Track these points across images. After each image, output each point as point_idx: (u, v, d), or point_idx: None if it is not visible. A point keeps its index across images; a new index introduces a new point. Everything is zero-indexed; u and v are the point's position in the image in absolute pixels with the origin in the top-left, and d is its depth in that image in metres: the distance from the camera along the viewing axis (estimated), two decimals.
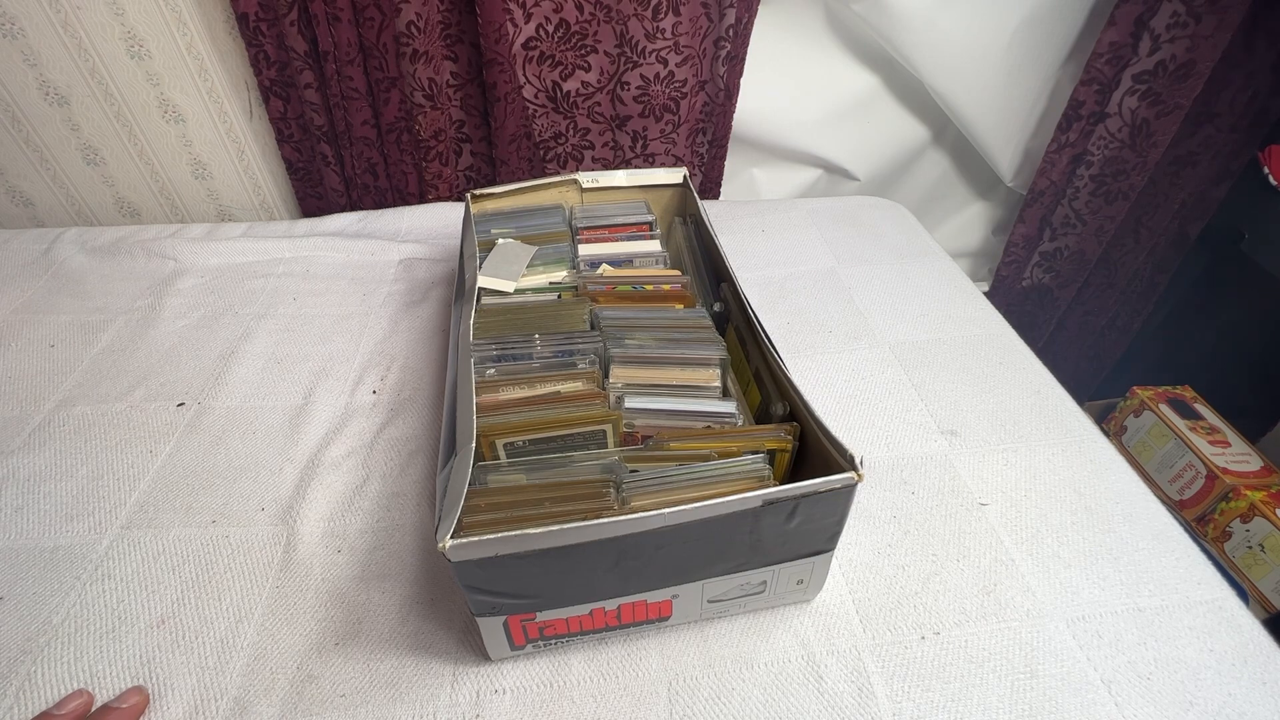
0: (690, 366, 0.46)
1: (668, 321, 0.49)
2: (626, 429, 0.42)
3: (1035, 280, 1.19)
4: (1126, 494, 0.51)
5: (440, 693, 0.40)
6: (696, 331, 0.48)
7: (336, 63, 0.75)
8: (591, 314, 0.50)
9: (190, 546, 0.48)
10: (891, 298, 0.71)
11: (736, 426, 0.43)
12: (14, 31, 0.73)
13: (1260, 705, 0.39)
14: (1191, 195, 1.04)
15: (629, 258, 0.57)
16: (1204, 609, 0.44)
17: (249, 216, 0.93)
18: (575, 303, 0.52)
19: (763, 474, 0.37)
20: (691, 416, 0.43)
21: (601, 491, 0.36)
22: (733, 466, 0.38)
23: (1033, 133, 1.07)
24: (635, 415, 0.43)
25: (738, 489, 0.36)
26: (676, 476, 0.37)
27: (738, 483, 0.37)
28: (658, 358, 0.46)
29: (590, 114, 0.87)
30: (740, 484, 0.37)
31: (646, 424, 0.43)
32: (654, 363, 0.46)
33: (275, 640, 0.42)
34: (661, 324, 0.49)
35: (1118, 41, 0.91)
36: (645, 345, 0.47)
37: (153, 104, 0.81)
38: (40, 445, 0.55)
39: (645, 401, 0.43)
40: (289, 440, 0.56)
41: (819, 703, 0.39)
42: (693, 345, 0.47)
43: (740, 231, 0.81)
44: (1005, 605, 0.44)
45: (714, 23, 0.81)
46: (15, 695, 0.40)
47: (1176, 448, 0.99)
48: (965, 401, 0.59)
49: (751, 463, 0.38)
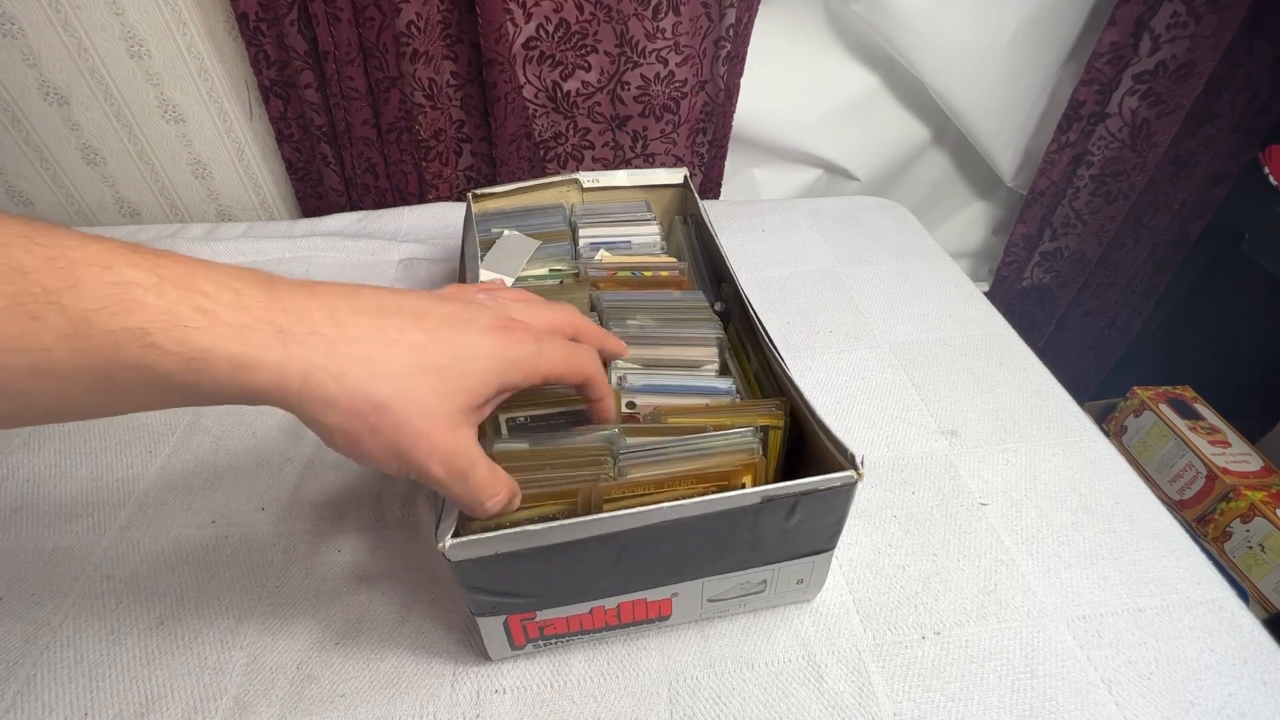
0: (689, 345, 0.46)
1: (667, 303, 0.50)
2: (628, 408, 0.43)
3: (1035, 280, 1.19)
4: (1127, 494, 0.51)
5: (440, 693, 0.40)
6: (695, 312, 0.49)
7: (336, 63, 0.75)
8: (592, 297, 0.50)
9: (190, 546, 0.48)
10: (892, 298, 0.71)
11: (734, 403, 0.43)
12: (14, 31, 0.73)
13: (1261, 705, 0.39)
14: (1191, 195, 1.04)
15: (626, 240, 0.58)
16: (1204, 609, 0.44)
17: (249, 216, 0.93)
18: (576, 286, 0.53)
19: (752, 447, 0.38)
20: (690, 393, 0.44)
21: (600, 460, 0.37)
22: (723, 439, 0.38)
23: (1033, 133, 1.07)
24: (635, 394, 0.43)
25: (730, 461, 0.37)
26: (671, 449, 0.37)
27: (730, 455, 0.37)
28: (657, 337, 0.47)
29: (590, 114, 0.87)
30: (731, 458, 0.37)
31: (646, 401, 0.43)
32: (654, 342, 0.46)
33: (275, 640, 0.42)
34: (660, 306, 0.50)
35: (1118, 41, 0.91)
36: (645, 325, 0.47)
37: (153, 104, 0.81)
38: (40, 445, 0.55)
39: (645, 379, 0.44)
40: (289, 440, 0.56)
41: (819, 702, 0.39)
42: (691, 325, 0.48)
43: (740, 231, 0.81)
44: (1006, 605, 0.44)
45: (714, 23, 0.81)
46: (14, 697, 0.40)
47: (1177, 448, 0.99)
48: (966, 401, 0.59)
49: (741, 436, 0.38)
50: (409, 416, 0.27)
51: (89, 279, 0.22)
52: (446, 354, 0.29)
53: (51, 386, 0.23)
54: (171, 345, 0.23)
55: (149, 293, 0.23)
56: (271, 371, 0.25)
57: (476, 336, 0.30)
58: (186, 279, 0.24)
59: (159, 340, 0.23)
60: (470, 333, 0.30)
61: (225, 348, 0.24)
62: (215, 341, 0.24)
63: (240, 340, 0.24)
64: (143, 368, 0.23)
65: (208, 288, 0.24)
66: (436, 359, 0.28)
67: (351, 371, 0.26)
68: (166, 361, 0.23)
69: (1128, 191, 1.04)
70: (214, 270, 0.25)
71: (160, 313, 0.23)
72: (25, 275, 0.21)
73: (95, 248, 0.23)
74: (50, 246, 0.22)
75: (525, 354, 0.31)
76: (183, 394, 0.25)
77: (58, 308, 0.22)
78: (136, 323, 0.22)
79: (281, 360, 0.25)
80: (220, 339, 0.24)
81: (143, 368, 0.23)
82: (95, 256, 0.23)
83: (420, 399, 0.27)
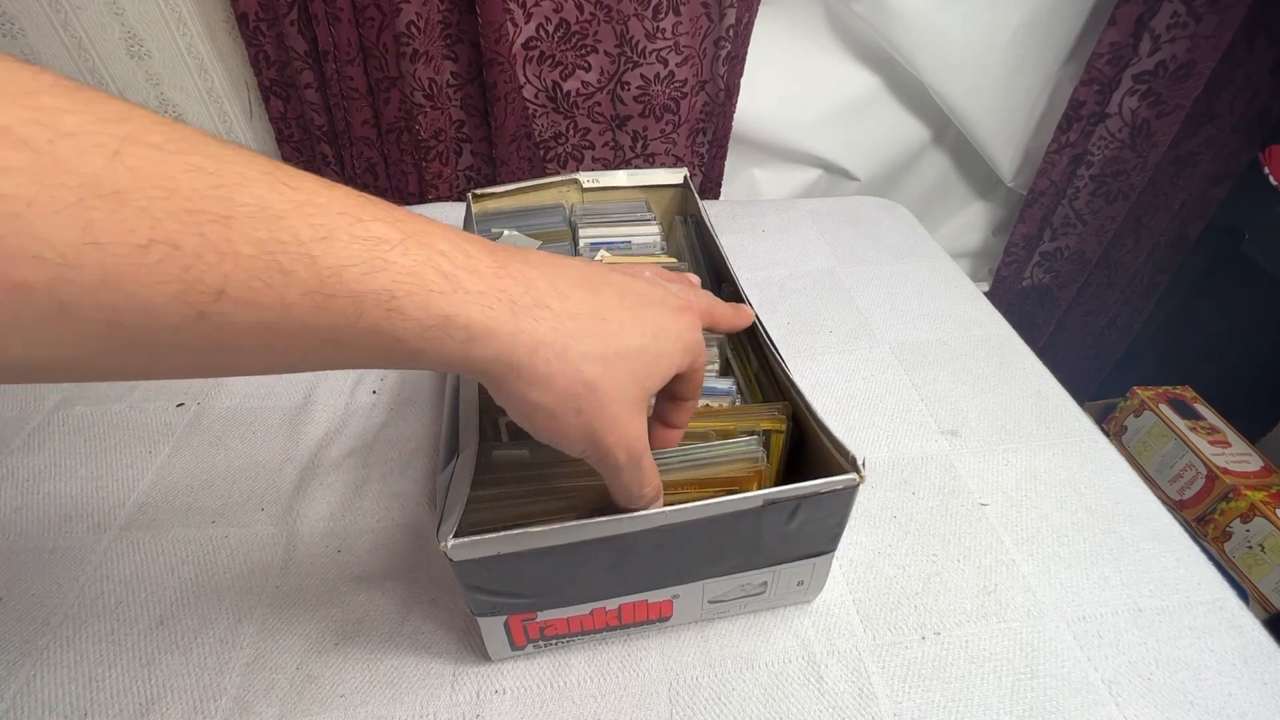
0: None
1: None
2: None
3: (1035, 280, 1.19)
4: (1127, 494, 0.51)
5: (440, 693, 0.40)
6: None
7: (336, 63, 0.75)
8: None
9: (190, 547, 0.48)
10: (891, 298, 0.71)
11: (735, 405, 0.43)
12: (14, 31, 0.73)
13: (1261, 705, 0.39)
14: (1191, 195, 1.04)
15: (626, 240, 0.58)
16: (1204, 609, 0.44)
17: None
18: None
19: (756, 456, 0.37)
20: None
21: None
22: (726, 448, 0.38)
23: (1033, 133, 1.07)
24: None
25: (733, 471, 0.37)
26: (673, 458, 0.37)
27: (733, 465, 0.37)
28: None
29: (590, 114, 0.87)
30: (735, 466, 0.37)
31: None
32: None
33: (275, 640, 0.42)
34: None
35: (1118, 42, 0.91)
36: None
37: (153, 104, 0.81)
38: (40, 445, 0.55)
39: None
40: (289, 440, 0.56)
41: (819, 703, 0.39)
42: None
43: (740, 231, 0.81)
44: (1006, 605, 0.44)
45: (714, 23, 0.81)
46: (14, 698, 0.40)
47: (1177, 448, 0.99)
48: (965, 401, 0.59)
49: (745, 444, 0.38)
50: (611, 399, 0.26)
51: (341, 231, 0.20)
52: (645, 334, 0.27)
53: (274, 342, 0.20)
54: (414, 310, 0.21)
55: (394, 250, 0.21)
56: (503, 344, 0.23)
57: (668, 318, 0.29)
58: (425, 236, 0.22)
59: (403, 304, 0.21)
60: (663, 313, 0.29)
61: (465, 315, 0.22)
62: (457, 308, 0.22)
63: (479, 309, 0.22)
64: (381, 332, 0.21)
65: (444, 247, 0.22)
66: (637, 340, 0.27)
67: (573, 348, 0.25)
68: (404, 327, 0.21)
69: (1128, 191, 1.04)
70: (442, 229, 0.23)
71: (405, 274, 0.21)
72: (278, 221, 0.19)
73: (339, 194, 0.21)
74: (298, 189, 0.20)
75: (699, 340, 0.30)
76: (404, 359, 0.23)
77: (309, 260, 0.19)
78: (383, 283, 0.20)
79: (514, 333, 0.23)
80: (461, 306, 0.22)
81: (381, 332, 0.21)
82: (343, 204, 0.20)
83: (621, 381, 0.26)
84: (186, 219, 0.17)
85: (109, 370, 0.19)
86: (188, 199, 0.17)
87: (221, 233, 0.18)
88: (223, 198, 0.18)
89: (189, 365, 0.20)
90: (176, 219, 0.17)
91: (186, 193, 0.17)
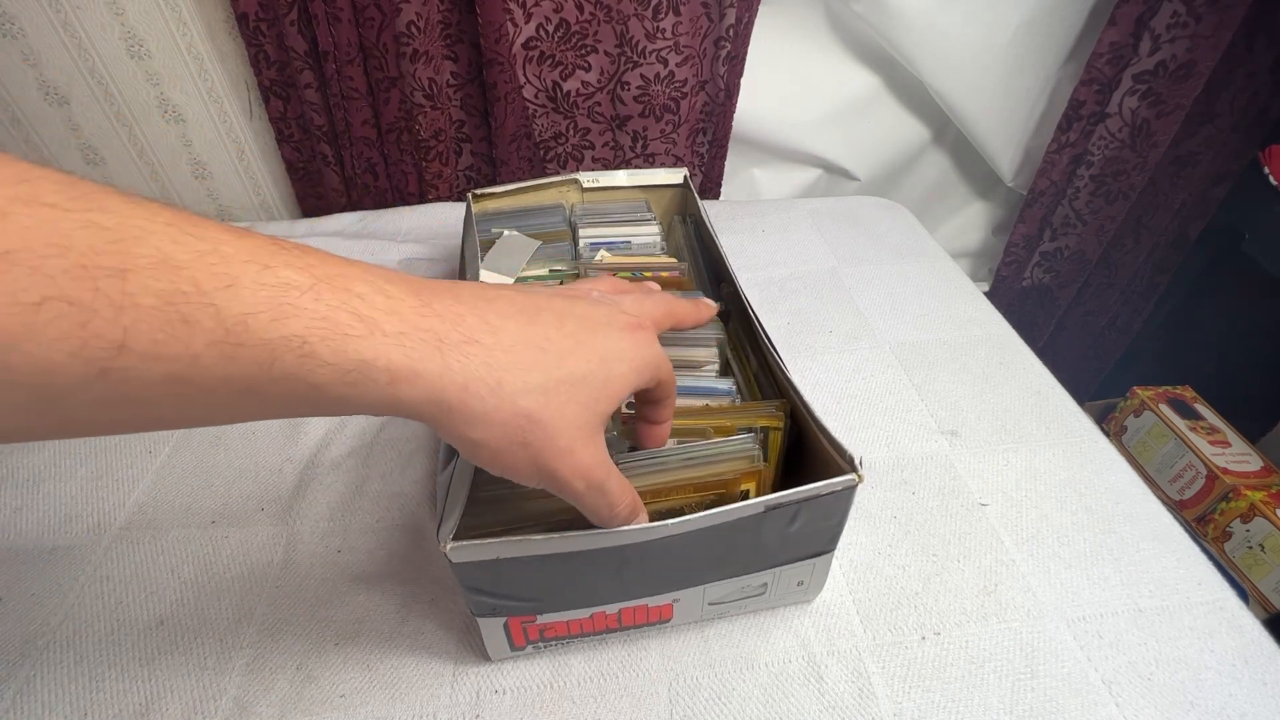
0: (690, 346, 0.46)
1: None
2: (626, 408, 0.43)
3: (1035, 280, 1.19)
4: (1127, 494, 0.51)
5: (440, 693, 0.40)
6: None
7: (336, 63, 0.75)
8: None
9: (190, 547, 0.48)
10: (891, 298, 0.71)
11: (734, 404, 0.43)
12: (14, 31, 0.73)
13: (1261, 706, 0.39)
14: (1191, 195, 1.04)
15: (626, 240, 0.58)
16: (1204, 609, 0.44)
17: (249, 216, 0.93)
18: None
19: (754, 454, 0.37)
20: (690, 393, 0.44)
21: None
22: (724, 446, 0.38)
23: (1033, 133, 1.07)
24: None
25: (730, 469, 0.37)
26: (670, 457, 0.37)
27: (730, 462, 0.37)
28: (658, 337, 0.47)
29: (590, 114, 0.87)
30: (733, 464, 0.37)
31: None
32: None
33: (275, 640, 0.42)
34: None
35: (1118, 41, 0.91)
36: None
37: (153, 104, 0.81)
38: (39, 445, 0.55)
39: None
40: (289, 440, 0.56)
41: (819, 703, 0.39)
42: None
43: (740, 231, 0.81)
44: (1006, 605, 0.44)
45: (714, 23, 0.81)
46: (13, 699, 0.40)
47: (1177, 448, 0.99)
48: (965, 401, 0.59)
49: (743, 442, 0.38)
50: (558, 430, 0.26)
51: (246, 279, 0.20)
52: (591, 359, 0.27)
53: (187, 395, 0.20)
54: (329, 355, 0.21)
55: (305, 295, 0.21)
56: (431, 384, 0.23)
57: (615, 338, 0.28)
58: (340, 279, 0.22)
59: (317, 349, 0.21)
60: (608, 336, 0.28)
61: (385, 358, 0.22)
62: (374, 352, 0.22)
63: (400, 350, 0.22)
64: (296, 379, 0.21)
65: (361, 289, 0.22)
66: (581, 365, 0.27)
67: (508, 382, 0.24)
68: (322, 373, 0.21)
69: (1128, 191, 1.04)
70: (362, 270, 0.23)
71: (316, 319, 0.21)
72: (178, 271, 0.19)
73: (247, 242, 0.20)
74: (203, 239, 0.19)
75: (655, 355, 0.30)
76: (331, 406, 0.22)
77: (212, 309, 0.19)
78: (294, 329, 0.20)
79: (441, 372, 0.23)
80: (380, 349, 0.22)
81: (296, 379, 0.21)
82: (251, 252, 0.20)
83: (566, 410, 0.26)
84: (81, 274, 0.17)
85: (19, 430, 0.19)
86: (83, 255, 0.17)
87: (118, 285, 0.18)
88: (120, 251, 0.18)
89: (106, 422, 0.20)
90: (70, 275, 0.17)
91: (82, 249, 0.17)
